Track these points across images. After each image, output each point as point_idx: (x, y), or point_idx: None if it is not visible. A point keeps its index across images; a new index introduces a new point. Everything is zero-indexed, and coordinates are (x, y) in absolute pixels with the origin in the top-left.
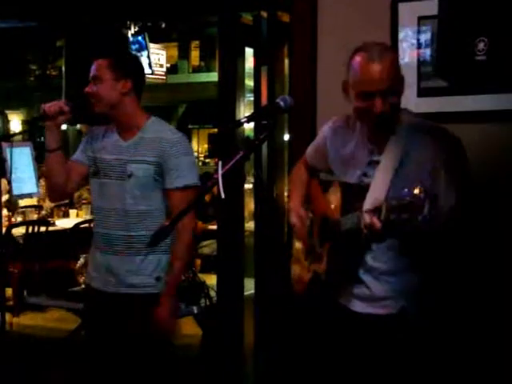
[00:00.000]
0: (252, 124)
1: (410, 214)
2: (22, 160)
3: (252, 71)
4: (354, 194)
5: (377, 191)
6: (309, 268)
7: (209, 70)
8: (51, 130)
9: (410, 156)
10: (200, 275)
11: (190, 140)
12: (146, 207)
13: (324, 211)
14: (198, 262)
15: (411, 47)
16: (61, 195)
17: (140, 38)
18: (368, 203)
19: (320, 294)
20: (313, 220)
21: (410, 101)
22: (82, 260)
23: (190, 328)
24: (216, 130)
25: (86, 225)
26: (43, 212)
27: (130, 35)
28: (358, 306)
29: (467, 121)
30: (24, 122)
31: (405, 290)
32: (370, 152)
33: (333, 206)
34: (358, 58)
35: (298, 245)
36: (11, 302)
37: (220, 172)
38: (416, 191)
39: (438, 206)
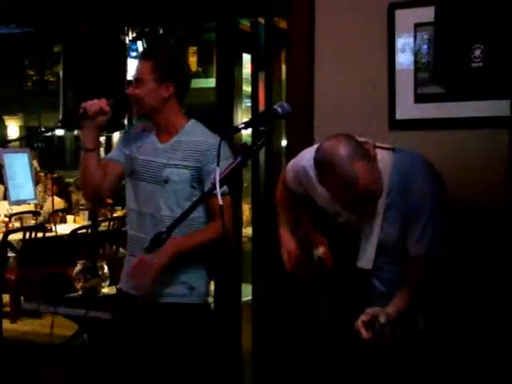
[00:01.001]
0: (250, 130)
1: (401, 328)
2: (19, 166)
3: (249, 77)
4: (343, 234)
5: (369, 240)
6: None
7: (206, 75)
8: (90, 129)
9: (394, 201)
10: None
11: None
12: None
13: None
14: None
15: (408, 54)
16: (97, 195)
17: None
18: (362, 257)
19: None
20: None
21: (407, 107)
22: (79, 266)
23: None
24: None
25: (84, 231)
26: (41, 218)
27: (127, 41)
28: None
29: (464, 127)
30: (58, 121)
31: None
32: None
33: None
34: (330, 181)
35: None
36: (8, 308)
37: (217, 178)
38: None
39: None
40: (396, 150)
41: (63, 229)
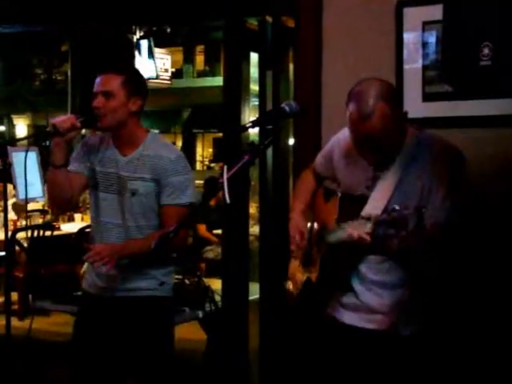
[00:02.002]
0: (257, 129)
1: (395, 230)
2: (27, 164)
3: (257, 76)
4: (355, 205)
5: (375, 204)
6: (303, 273)
7: (214, 74)
8: (60, 146)
9: (411, 172)
10: (205, 279)
11: (194, 145)
12: (145, 223)
13: (325, 220)
14: (203, 266)
15: (416, 52)
16: (66, 208)
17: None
18: (367, 208)
19: (310, 304)
20: (312, 228)
21: (415, 105)
22: (86, 264)
23: (194, 332)
24: (221, 134)
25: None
26: (48, 216)
27: (135, 40)
28: (347, 317)
29: (471, 125)
30: (32, 133)
31: (396, 305)
32: (374, 168)
33: (334, 216)
34: (351, 109)
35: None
36: (16, 307)
37: (225, 177)
38: (403, 208)
39: (423, 225)
40: (424, 131)
41: (71, 227)
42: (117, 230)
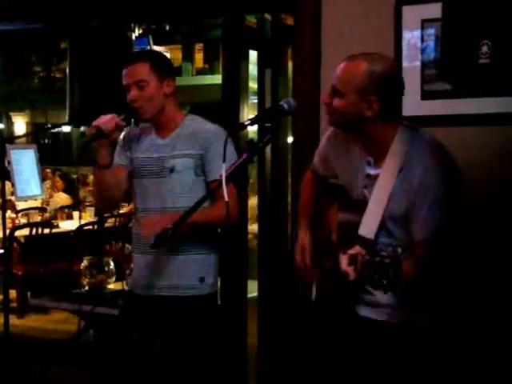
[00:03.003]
0: (256, 126)
1: (378, 276)
2: (26, 162)
3: (256, 74)
4: (354, 211)
5: (375, 209)
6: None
7: (213, 72)
8: (105, 147)
9: (404, 175)
10: None
11: None
12: (187, 204)
13: (329, 224)
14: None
15: (415, 50)
16: (115, 206)
17: (144, 40)
18: (364, 226)
19: (324, 297)
20: (321, 237)
21: (414, 103)
22: (85, 262)
23: None
24: None
25: (90, 227)
26: (47, 214)
27: (134, 37)
28: (362, 310)
29: (470, 124)
30: (80, 142)
31: (408, 299)
32: (367, 164)
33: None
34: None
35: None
36: (15, 304)
37: (224, 174)
38: (386, 255)
39: (400, 272)
40: (420, 129)
41: (69, 225)
42: (157, 214)
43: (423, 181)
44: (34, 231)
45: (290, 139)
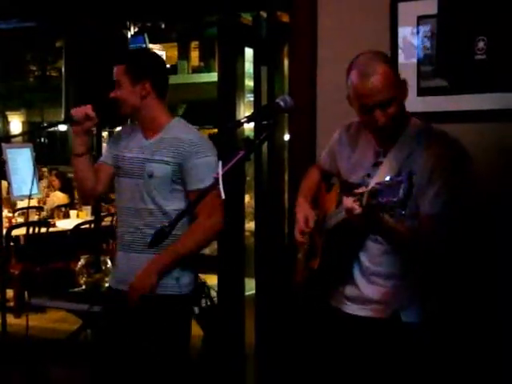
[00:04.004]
0: (252, 124)
1: (386, 197)
2: (22, 161)
3: (252, 71)
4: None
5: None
6: (306, 265)
7: (209, 70)
8: (78, 134)
9: (412, 160)
10: (201, 275)
11: None
12: (167, 207)
13: (327, 209)
14: None
15: (411, 47)
16: (91, 197)
17: (139, 38)
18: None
19: (313, 297)
20: (317, 220)
21: (410, 100)
22: (82, 261)
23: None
24: (216, 130)
25: (87, 226)
26: (44, 213)
27: (129, 36)
28: (350, 308)
29: (467, 120)
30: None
31: (397, 296)
32: (376, 154)
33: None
34: (353, 76)
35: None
36: (12, 303)
37: (220, 172)
38: (395, 176)
39: (411, 192)
40: (428, 123)
41: (66, 224)
42: (139, 214)
43: (434, 164)
44: (30, 230)
45: (286, 137)
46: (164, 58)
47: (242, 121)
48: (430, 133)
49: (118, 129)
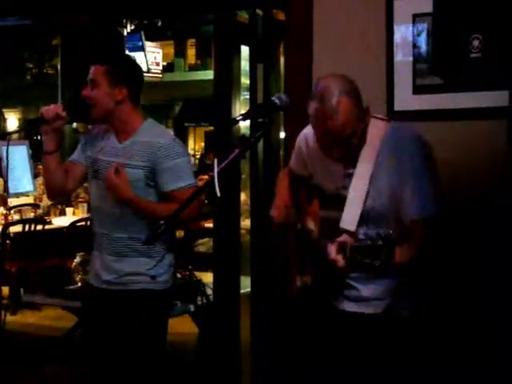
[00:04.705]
0: (248, 122)
1: (368, 259)
2: (18, 159)
3: (248, 69)
4: (333, 204)
5: (354, 204)
6: (299, 279)
7: (205, 68)
8: (48, 133)
9: (382, 166)
10: (196, 273)
11: (186, 138)
12: (133, 210)
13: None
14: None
15: (406, 44)
16: (59, 195)
17: (136, 36)
18: (345, 219)
19: (310, 295)
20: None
21: (405, 98)
22: (78, 258)
23: (186, 326)
24: (212, 127)
25: (83, 223)
26: (40, 210)
27: (125, 33)
28: (346, 305)
29: (462, 118)
30: (23, 123)
31: (391, 290)
32: (344, 165)
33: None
34: (314, 107)
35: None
36: (7, 301)
37: (216, 170)
38: (376, 236)
39: (393, 253)
40: (391, 121)
41: (62, 221)
42: (113, 216)
43: (399, 166)
44: (26, 228)
45: (282, 134)
46: (161, 55)
47: (238, 118)
48: (392, 136)
49: (90, 127)
